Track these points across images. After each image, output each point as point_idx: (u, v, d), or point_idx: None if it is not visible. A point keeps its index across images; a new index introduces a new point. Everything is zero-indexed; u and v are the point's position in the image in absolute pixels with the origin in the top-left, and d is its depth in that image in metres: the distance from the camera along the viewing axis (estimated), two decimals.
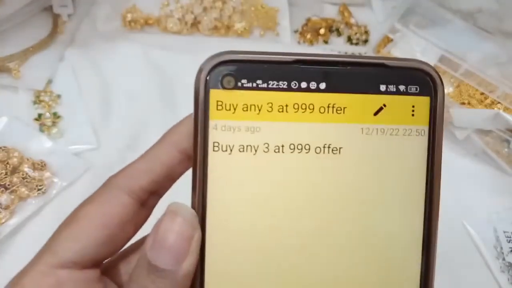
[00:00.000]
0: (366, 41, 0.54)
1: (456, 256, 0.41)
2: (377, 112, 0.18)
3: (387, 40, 0.52)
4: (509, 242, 0.41)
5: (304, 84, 0.18)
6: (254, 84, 0.17)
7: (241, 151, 0.17)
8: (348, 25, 0.55)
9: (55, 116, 0.44)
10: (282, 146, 0.18)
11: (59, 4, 0.48)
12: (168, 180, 0.19)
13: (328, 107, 0.18)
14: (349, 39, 0.54)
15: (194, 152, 0.17)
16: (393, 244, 0.18)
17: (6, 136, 0.41)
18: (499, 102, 0.47)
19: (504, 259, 0.40)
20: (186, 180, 0.18)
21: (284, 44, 0.52)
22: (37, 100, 0.45)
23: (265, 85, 0.17)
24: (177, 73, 0.48)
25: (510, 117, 0.43)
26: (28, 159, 0.40)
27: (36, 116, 0.44)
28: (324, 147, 0.18)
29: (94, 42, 0.49)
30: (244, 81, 0.17)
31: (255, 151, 0.17)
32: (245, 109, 0.17)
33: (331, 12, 0.56)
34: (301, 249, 0.18)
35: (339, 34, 0.55)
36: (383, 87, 0.18)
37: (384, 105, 0.18)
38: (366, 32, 0.55)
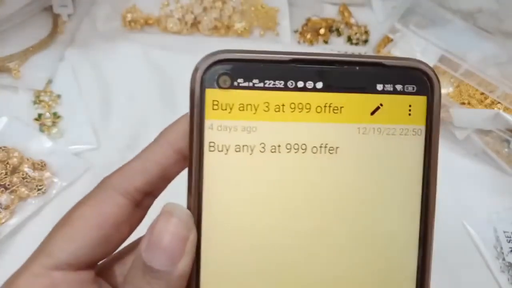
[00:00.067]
0: (366, 41, 0.54)
1: (456, 256, 0.41)
2: (374, 112, 0.18)
3: (387, 40, 0.52)
4: (509, 242, 0.41)
5: (301, 84, 0.17)
6: (251, 84, 0.17)
7: (237, 151, 0.17)
8: (348, 25, 0.55)
9: (55, 116, 0.44)
10: (279, 146, 0.17)
11: (59, 4, 0.48)
12: (163, 181, 0.19)
13: (325, 107, 0.17)
14: (349, 39, 0.54)
15: (190, 152, 0.17)
16: (390, 243, 0.18)
17: (6, 136, 0.41)
18: (499, 102, 0.47)
19: (504, 259, 0.40)
20: (182, 180, 0.18)
21: (284, 44, 0.52)
22: (37, 100, 0.45)
23: (262, 85, 0.17)
24: (177, 73, 0.48)
25: (510, 117, 0.42)
26: (28, 159, 0.40)
27: (36, 116, 0.44)
28: (321, 147, 0.18)
29: (94, 42, 0.49)
30: (240, 81, 0.17)
31: (252, 151, 0.17)
32: (241, 109, 0.17)
33: (331, 12, 0.56)
34: (298, 249, 0.18)
35: (339, 34, 0.55)
36: (380, 87, 0.18)
37: (381, 105, 0.18)
38: (366, 32, 0.55)
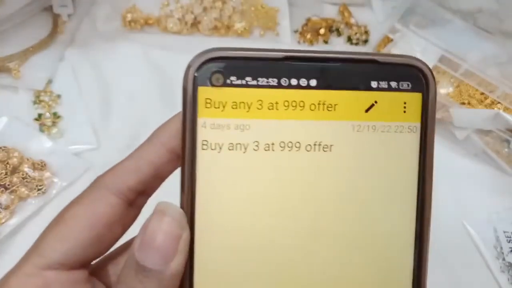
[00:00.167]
0: (366, 41, 0.54)
1: (456, 256, 0.41)
2: (369, 109, 0.18)
3: (387, 40, 0.52)
4: (509, 242, 0.41)
5: (294, 81, 0.17)
6: (244, 81, 0.17)
7: (231, 150, 0.17)
8: (348, 25, 0.55)
9: (55, 116, 0.44)
10: (273, 144, 0.17)
11: (59, 4, 0.48)
12: (157, 180, 0.19)
13: (319, 104, 0.17)
14: (349, 39, 0.54)
15: (183, 151, 0.17)
16: (385, 241, 0.18)
17: (6, 136, 0.41)
18: (499, 102, 0.47)
19: (504, 259, 0.40)
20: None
21: (284, 44, 0.52)
22: (37, 100, 0.45)
23: (255, 82, 0.17)
24: (177, 73, 0.47)
25: (510, 117, 0.42)
26: (28, 159, 0.40)
27: (36, 116, 0.44)
28: (315, 145, 0.17)
29: (94, 42, 0.49)
30: (233, 78, 0.17)
31: (245, 149, 0.17)
32: (235, 107, 0.17)
33: (331, 12, 0.56)
34: (292, 248, 0.18)
35: (339, 34, 0.55)
36: (375, 84, 0.17)
37: (376, 102, 0.18)
38: (366, 32, 0.55)
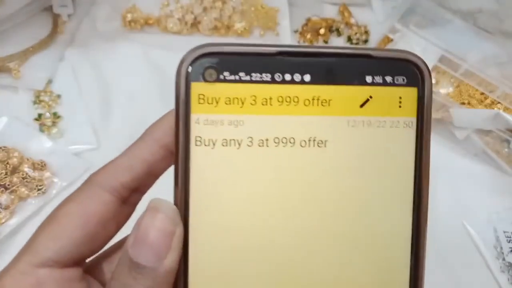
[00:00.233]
0: (366, 41, 0.54)
1: (456, 256, 0.41)
2: (363, 104, 0.17)
3: (387, 40, 0.52)
4: (509, 242, 0.41)
5: (288, 76, 0.17)
6: (237, 77, 0.17)
7: (224, 146, 0.17)
8: (348, 25, 0.55)
9: (55, 116, 0.44)
10: (267, 140, 0.17)
11: (59, 4, 0.48)
12: (150, 177, 0.19)
13: (313, 100, 0.17)
14: (349, 39, 0.54)
15: (176, 147, 0.17)
16: (381, 237, 0.18)
17: (6, 136, 0.41)
18: (499, 102, 0.47)
19: (504, 259, 0.40)
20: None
21: None
22: (37, 100, 0.45)
23: (248, 78, 0.17)
24: None
25: (510, 117, 0.42)
26: (28, 159, 0.40)
27: (36, 116, 0.44)
28: (310, 141, 0.17)
29: (94, 42, 0.49)
30: (227, 74, 0.17)
31: (239, 145, 0.17)
32: (228, 103, 0.17)
33: (331, 12, 0.56)
34: (286, 244, 0.17)
35: (339, 34, 0.55)
36: (369, 78, 0.17)
37: (371, 97, 0.17)
38: (366, 32, 0.55)
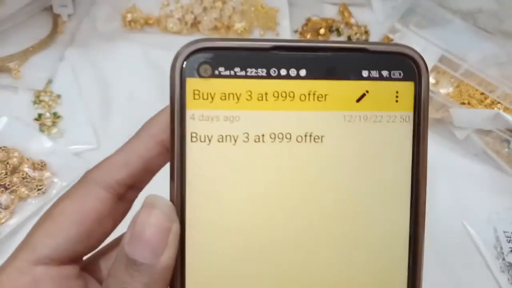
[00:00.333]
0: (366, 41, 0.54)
1: (456, 256, 0.41)
2: (360, 99, 0.17)
3: (387, 40, 0.52)
4: (509, 242, 0.41)
5: (284, 71, 0.17)
6: (232, 72, 0.17)
7: (220, 141, 0.17)
8: (348, 25, 0.55)
9: (55, 116, 0.44)
10: (263, 136, 0.17)
11: (59, 4, 0.48)
12: (147, 173, 0.19)
13: (309, 95, 0.17)
14: (349, 39, 0.54)
15: (171, 143, 0.17)
16: (378, 234, 0.18)
17: (6, 136, 0.41)
18: (499, 102, 0.47)
19: (504, 259, 0.40)
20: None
21: None
22: (37, 100, 0.45)
23: (243, 73, 0.17)
24: None
25: (510, 117, 0.42)
26: (28, 159, 0.40)
27: (36, 116, 0.44)
28: (306, 136, 0.17)
29: (94, 42, 0.49)
30: (222, 69, 0.17)
31: (235, 141, 0.17)
32: (223, 98, 0.17)
33: (331, 12, 0.56)
34: (282, 240, 0.17)
35: (339, 34, 0.55)
36: (365, 73, 0.17)
37: (367, 91, 0.17)
38: (366, 32, 0.55)
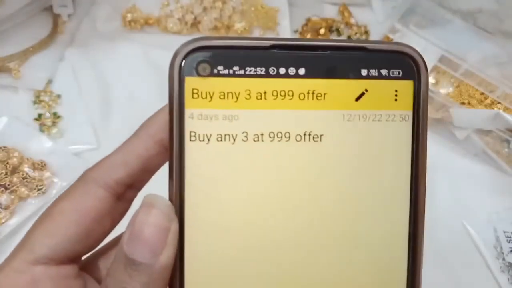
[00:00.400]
0: None
1: (456, 256, 0.41)
2: (359, 98, 0.17)
3: (387, 40, 0.52)
4: (509, 242, 0.41)
5: (283, 70, 0.17)
6: (231, 71, 0.17)
7: (219, 141, 0.17)
8: (348, 25, 0.55)
9: (55, 116, 0.44)
10: (262, 135, 0.17)
11: (59, 4, 0.48)
12: (145, 173, 0.19)
13: (308, 93, 0.17)
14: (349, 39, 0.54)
15: (170, 143, 0.17)
16: (377, 233, 0.18)
17: (6, 136, 0.41)
18: (499, 102, 0.47)
19: (504, 259, 0.40)
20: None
21: None
22: (37, 100, 0.45)
23: (242, 72, 0.17)
24: None
25: (510, 117, 0.42)
26: (28, 159, 0.40)
27: (36, 116, 0.44)
28: (305, 135, 0.17)
29: (94, 42, 0.49)
30: (220, 68, 0.17)
31: (234, 140, 0.17)
32: (222, 97, 0.17)
33: (331, 12, 0.56)
34: (281, 239, 0.17)
35: (339, 34, 0.55)
36: (365, 72, 0.17)
37: (366, 90, 0.17)
38: (366, 32, 0.55)
